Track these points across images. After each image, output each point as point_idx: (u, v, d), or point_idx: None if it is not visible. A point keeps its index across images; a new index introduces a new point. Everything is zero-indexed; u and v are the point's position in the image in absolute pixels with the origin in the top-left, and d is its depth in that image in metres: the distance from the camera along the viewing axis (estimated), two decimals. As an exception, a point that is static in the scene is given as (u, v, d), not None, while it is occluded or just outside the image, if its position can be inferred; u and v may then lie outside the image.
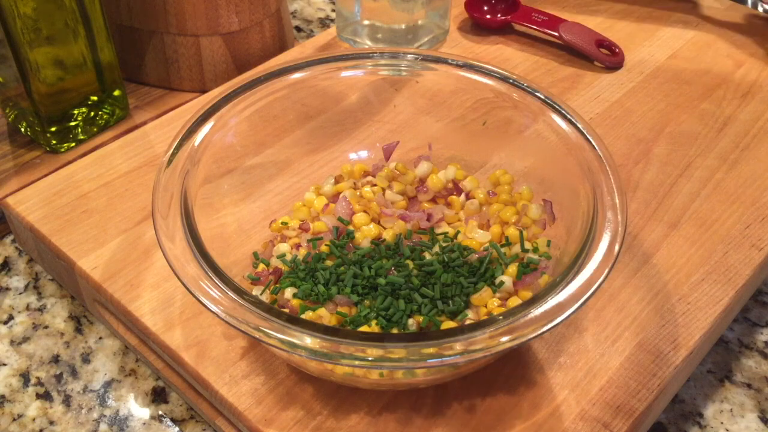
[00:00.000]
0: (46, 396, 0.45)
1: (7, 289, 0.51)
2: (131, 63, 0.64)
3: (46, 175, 0.54)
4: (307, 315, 0.39)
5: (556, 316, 0.34)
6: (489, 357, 0.34)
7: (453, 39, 0.67)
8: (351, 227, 0.45)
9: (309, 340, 0.33)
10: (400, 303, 0.40)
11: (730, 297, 0.45)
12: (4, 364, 0.47)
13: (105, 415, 0.44)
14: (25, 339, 0.48)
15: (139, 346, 0.45)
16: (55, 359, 0.47)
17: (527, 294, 0.41)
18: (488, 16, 0.69)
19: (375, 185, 0.48)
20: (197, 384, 0.41)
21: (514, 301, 0.40)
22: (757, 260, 0.47)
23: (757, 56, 0.65)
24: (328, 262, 0.42)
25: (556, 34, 0.65)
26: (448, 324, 0.39)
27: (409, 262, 0.42)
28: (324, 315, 0.39)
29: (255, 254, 0.45)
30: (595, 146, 0.42)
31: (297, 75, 0.47)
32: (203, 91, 0.63)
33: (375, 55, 0.49)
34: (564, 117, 0.44)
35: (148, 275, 0.46)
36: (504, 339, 0.33)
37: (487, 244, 0.44)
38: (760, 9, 0.68)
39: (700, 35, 0.68)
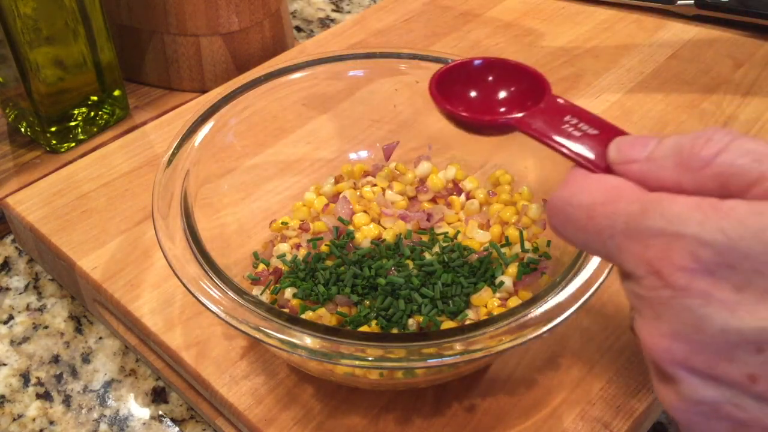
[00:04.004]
0: (46, 396, 0.45)
1: (7, 289, 0.51)
2: (131, 63, 0.64)
3: (46, 175, 0.54)
4: (307, 315, 0.39)
5: (556, 316, 0.34)
6: (489, 357, 0.34)
7: (453, 38, 0.67)
8: (351, 227, 0.45)
9: (309, 340, 0.33)
10: (400, 303, 0.40)
11: (730, 297, 0.45)
12: (4, 364, 0.47)
13: (105, 415, 0.44)
14: (25, 339, 0.48)
15: (139, 346, 0.45)
16: (55, 359, 0.47)
17: (527, 294, 0.41)
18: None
19: (375, 185, 0.48)
20: (197, 384, 0.41)
21: (514, 301, 0.40)
22: (757, 260, 0.47)
23: (757, 56, 0.65)
24: (328, 262, 0.42)
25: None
26: (448, 324, 0.39)
27: (409, 262, 0.42)
28: (324, 315, 0.39)
29: (255, 254, 0.45)
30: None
31: (297, 75, 0.47)
32: (203, 91, 0.63)
33: (375, 55, 0.49)
34: (564, 117, 0.44)
35: (148, 275, 0.46)
36: (504, 339, 0.33)
37: (487, 244, 0.44)
38: None
39: (700, 35, 0.68)
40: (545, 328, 0.34)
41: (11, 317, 0.49)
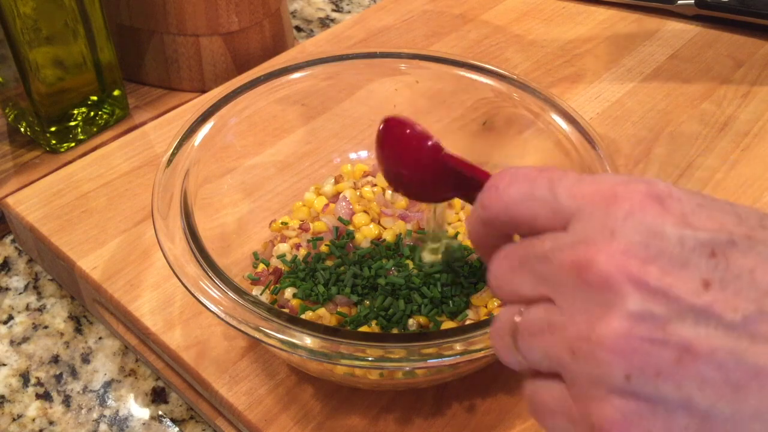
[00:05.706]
0: (46, 396, 0.45)
1: (7, 289, 0.51)
2: (131, 63, 0.64)
3: (46, 175, 0.54)
4: (307, 315, 0.39)
5: (556, 316, 0.34)
6: (489, 357, 0.34)
7: (453, 38, 0.67)
8: (351, 227, 0.45)
9: (309, 340, 0.33)
10: (400, 303, 0.40)
11: (730, 297, 0.45)
12: (4, 364, 0.47)
13: (105, 415, 0.44)
14: (25, 339, 0.48)
15: (139, 346, 0.45)
16: (55, 359, 0.47)
17: (527, 294, 0.41)
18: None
19: (375, 185, 0.48)
20: (197, 384, 0.41)
21: (514, 301, 0.40)
22: (757, 260, 0.47)
23: (757, 56, 0.65)
24: (328, 262, 0.42)
25: None
26: (448, 324, 0.39)
27: (409, 262, 0.42)
28: (324, 315, 0.39)
29: (255, 254, 0.45)
30: (596, 146, 0.42)
31: (297, 75, 0.47)
32: (203, 91, 0.63)
33: (375, 55, 0.49)
34: (564, 117, 0.44)
35: (148, 275, 0.46)
36: (504, 339, 0.33)
37: (487, 244, 0.44)
38: None
39: (700, 35, 0.68)
40: (545, 328, 0.34)
41: (11, 317, 0.49)
